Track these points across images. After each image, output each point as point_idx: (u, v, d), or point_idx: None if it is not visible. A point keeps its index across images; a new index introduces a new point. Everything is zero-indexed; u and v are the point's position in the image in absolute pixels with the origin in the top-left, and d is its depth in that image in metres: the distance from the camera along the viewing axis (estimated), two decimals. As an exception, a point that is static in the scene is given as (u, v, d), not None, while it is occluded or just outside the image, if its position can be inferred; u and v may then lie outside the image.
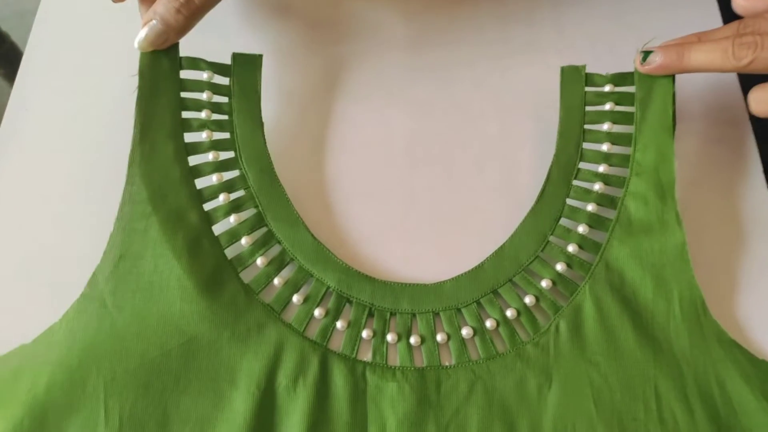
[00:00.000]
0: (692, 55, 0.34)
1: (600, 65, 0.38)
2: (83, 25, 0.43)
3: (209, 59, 0.36)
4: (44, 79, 0.41)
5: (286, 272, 0.33)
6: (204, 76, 0.36)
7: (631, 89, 0.36)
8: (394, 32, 0.42)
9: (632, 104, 0.36)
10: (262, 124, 0.36)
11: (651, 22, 0.42)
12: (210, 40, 0.37)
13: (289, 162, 0.37)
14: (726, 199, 0.36)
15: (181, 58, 0.36)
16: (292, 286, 0.33)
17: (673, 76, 0.36)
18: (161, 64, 0.35)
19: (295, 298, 0.32)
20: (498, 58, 0.42)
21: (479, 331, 0.32)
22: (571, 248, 0.34)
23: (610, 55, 0.40)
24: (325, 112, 0.39)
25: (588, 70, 0.37)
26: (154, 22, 0.34)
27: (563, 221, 0.35)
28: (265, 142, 0.36)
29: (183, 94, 0.36)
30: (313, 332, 0.32)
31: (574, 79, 0.37)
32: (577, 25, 0.43)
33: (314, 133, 0.39)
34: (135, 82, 0.35)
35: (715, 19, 0.42)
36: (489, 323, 0.32)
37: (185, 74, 0.36)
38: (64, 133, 0.39)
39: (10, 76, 0.42)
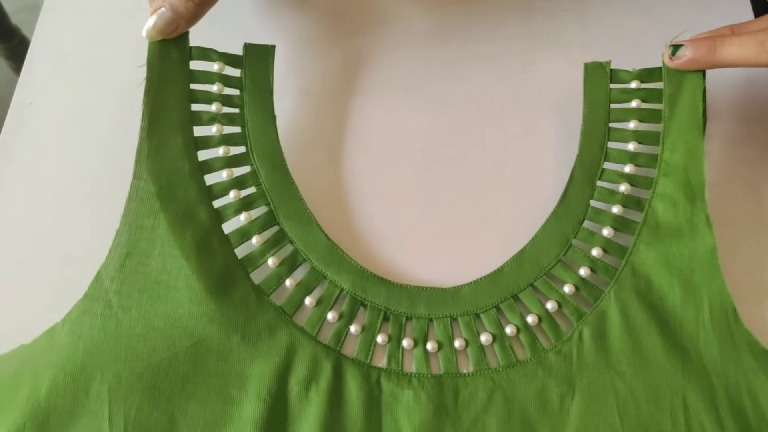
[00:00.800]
0: (725, 49, 0.33)
1: (626, 60, 0.37)
2: (90, 16, 0.42)
3: (220, 50, 0.35)
4: (50, 72, 0.40)
5: (299, 273, 0.32)
6: (215, 67, 0.35)
7: (658, 85, 0.35)
8: (411, 25, 0.41)
9: (660, 101, 0.35)
10: (274, 119, 0.35)
11: (679, 15, 0.41)
12: (221, 30, 0.36)
13: (302, 159, 0.36)
14: (758, 201, 0.35)
15: (190, 48, 0.35)
16: (305, 288, 0.32)
17: (703, 72, 0.34)
18: (170, 54, 0.34)
19: (308, 301, 0.31)
20: (519, 52, 0.40)
21: (499, 337, 0.31)
22: (596, 252, 0.32)
23: (636, 49, 0.39)
24: (340, 107, 0.38)
25: (613, 65, 0.36)
26: (163, 9, 0.33)
27: (587, 224, 0.33)
28: (278, 138, 0.35)
29: (192, 86, 0.35)
30: (326, 336, 0.31)
31: (599, 76, 0.36)
32: (601, 18, 0.41)
33: (328, 129, 0.38)
34: (142, 73, 0.34)
35: (746, 11, 0.41)
36: (509, 329, 0.31)
37: (195, 65, 0.35)
38: (69, 127, 0.38)
39: (21, 69, 0.41)
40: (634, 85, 0.36)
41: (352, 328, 0.31)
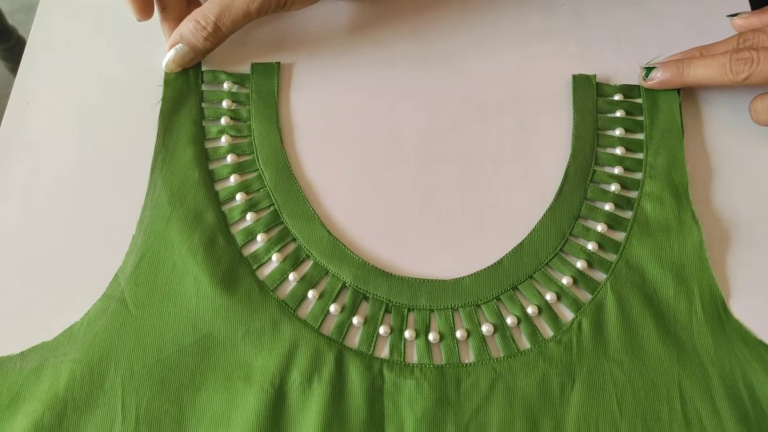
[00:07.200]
0: (691, 70, 0.36)
1: (622, 54, 0.38)
2: (85, 16, 0.41)
3: (229, 69, 0.38)
4: (46, 72, 0.39)
5: (302, 268, 0.33)
6: (224, 86, 0.38)
7: (639, 100, 0.38)
8: (406, 22, 0.41)
9: (641, 113, 0.37)
10: (279, 127, 0.37)
11: (675, 8, 0.41)
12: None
13: (304, 159, 0.36)
14: (741, 200, 0.35)
15: (202, 72, 0.38)
16: (308, 282, 0.32)
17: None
18: (184, 77, 0.37)
19: (311, 294, 0.32)
20: (515, 48, 0.40)
21: (500, 327, 0.32)
22: (591, 246, 0.33)
23: (632, 43, 0.40)
24: (337, 106, 0.38)
25: (610, 60, 0.38)
26: (180, 45, 0.36)
27: (582, 220, 0.34)
28: (282, 143, 0.36)
29: (204, 105, 0.37)
30: (329, 328, 0.32)
31: (586, 87, 0.38)
32: (597, 13, 0.41)
33: (328, 129, 0.38)
34: (141, 76, 0.36)
35: (742, 3, 0.41)
36: (510, 320, 0.32)
37: (206, 86, 0.38)
38: (66, 126, 0.37)
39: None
40: (617, 97, 0.38)
41: (355, 320, 0.32)
